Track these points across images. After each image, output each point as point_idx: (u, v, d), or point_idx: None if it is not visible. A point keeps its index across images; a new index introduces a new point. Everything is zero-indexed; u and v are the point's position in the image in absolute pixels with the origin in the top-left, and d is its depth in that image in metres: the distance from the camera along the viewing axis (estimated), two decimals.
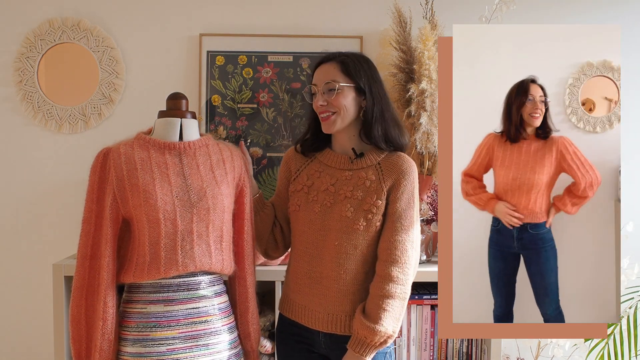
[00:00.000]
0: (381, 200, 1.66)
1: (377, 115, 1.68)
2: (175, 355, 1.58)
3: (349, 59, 1.68)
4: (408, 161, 1.70)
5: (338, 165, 1.72)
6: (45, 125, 2.50)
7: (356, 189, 1.67)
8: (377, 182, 1.67)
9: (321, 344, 1.71)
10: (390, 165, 1.69)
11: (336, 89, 1.65)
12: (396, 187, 1.66)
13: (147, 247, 1.57)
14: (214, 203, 1.62)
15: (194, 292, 1.61)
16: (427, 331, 2.14)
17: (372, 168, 1.69)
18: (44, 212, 2.52)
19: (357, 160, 1.71)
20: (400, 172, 1.67)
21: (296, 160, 1.80)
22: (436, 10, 2.42)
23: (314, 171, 1.74)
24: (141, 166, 1.61)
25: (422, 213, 2.28)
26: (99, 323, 1.57)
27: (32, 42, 2.49)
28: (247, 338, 1.75)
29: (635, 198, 2.56)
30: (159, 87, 2.47)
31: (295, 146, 1.82)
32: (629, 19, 2.57)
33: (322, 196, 1.69)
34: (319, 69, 1.70)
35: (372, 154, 1.71)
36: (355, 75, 1.67)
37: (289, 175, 1.80)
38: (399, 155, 1.71)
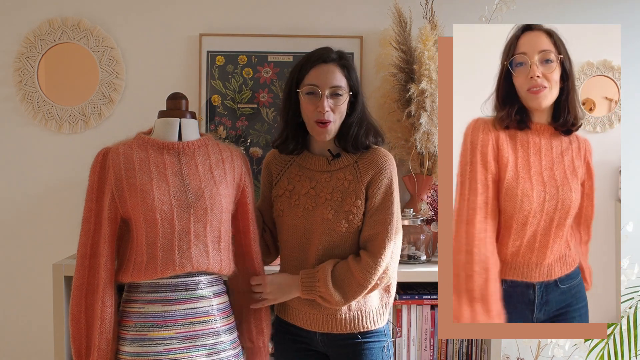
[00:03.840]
0: (360, 200, 1.66)
1: (357, 120, 1.68)
2: (173, 355, 1.57)
3: (347, 63, 1.67)
4: (384, 155, 1.69)
5: (317, 168, 1.72)
6: (45, 125, 2.50)
7: (335, 190, 1.67)
8: (355, 182, 1.67)
9: (319, 342, 1.72)
10: (367, 162, 1.68)
11: (342, 94, 1.64)
12: (374, 183, 1.66)
13: (145, 247, 1.57)
14: (211, 203, 1.61)
15: (192, 292, 1.61)
16: (427, 331, 2.14)
17: (350, 168, 1.69)
18: (44, 212, 2.52)
19: (334, 161, 1.70)
20: (376, 166, 1.67)
21: (276, 164, 1.79)
22: (436, 10, 2.42)
23: (294, 175, 1.74)
24: (139, 166, 1.61)
25: (422, 213, 2.28)
26: (97, 322, 1.58)
27: (32, 42, 2.48)
28: (260, 334, 1.75)
29: (635, 198, 2.56)
30: (159, 87, 2.47)
31: (274, 148, 1.79)
32: (629, 19, 2.57)
33: (304, 200, 1.69)
34: (319, 70, 1.64)
35: (349, 154, 1.70)
36: (354, 82, 1.67)
37: (271, 179, 1.79)
38: (375, 150, 1.71)
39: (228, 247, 1.67)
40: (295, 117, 1.69)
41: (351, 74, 1.67)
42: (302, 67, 1.67)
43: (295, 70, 1.69)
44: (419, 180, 2.40)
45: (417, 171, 2.40)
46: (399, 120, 2.37)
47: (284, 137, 1.74)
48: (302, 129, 1.71)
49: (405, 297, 2.12)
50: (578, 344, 2.31)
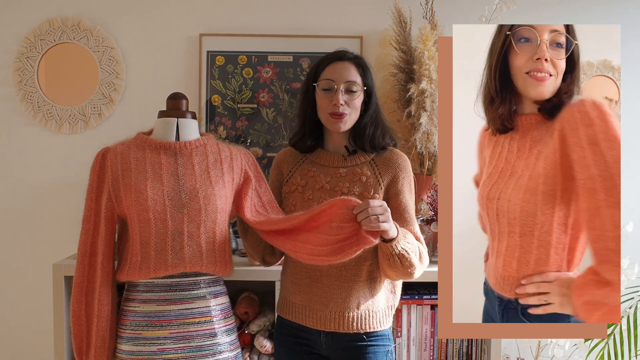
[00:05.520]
0: (379, 195, 1.68)
1: (372, 120, 1.72)
2: (167, 355, 1.58)
3: (362, 62, 1.71)
4: (402, 155, 1.75)
5: (332, 164, 1.73)
6: (45, 125, 2.50)
7: (352, 184, 1.68)
8: (373, 177, 1.69)
9: (322, 344, 1.70)
10: (386, 161, 1.72)
11: (357, 90, 1.67)
12: (395, 182, 1.70)
13: (139, 246, 1.57)
14: (205, 204, 1.61)
15: (188, 292, 1.61)
16: (427, 331, 2.14)
17: (367, 164, 1.72)
18: (44, 212, 2.52)
19: (350, 158, 1.72)
20: (396, 166, 1.71)
21: (288, 162, 1.79)
22: (436, 10, 2.42)
23: (307, 171, 1.74)
24: (135, 166, 1.61)
25: (422, 213, 2.28)
26: (94, 320, 1.58)
27: (32, 42, 2.48)
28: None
29: (635, 198, 2.56)
30: (159, 87, 2.47)
31: (291, 146, 1.81)
32: (629, 19, 2.57)
33: (318, 194, 1.69)
34: (334, 66, 1.68)
35: (364, 152, 1.74)
36: (369, 81, 1.71)
37: (282, 177, 1.79)
38: (392, 151, 1.75)
39: (224, 247, 1.67)
40: (312, 114, 1.73)
41: (366, 73, 1.70)
42: (318, 65, 1.72)
43: (313, 69, 1.73)
44: (419, 180, 2.39)
45: (417, 171, 2.40)
46: (399, 120, 2.37)
47: (301, 134, 1.76)
48: (318, 127, 1.74)
49: (405, 297, 2.11)
50: (578, 344, 2.30)
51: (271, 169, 1.85)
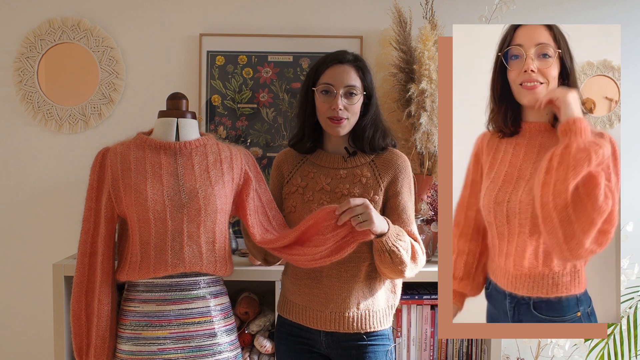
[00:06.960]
0: (378, 196, 1.68)
1: (371, 122, 1.71)
2: (167, 355, 1.58)
3: (362, 64, 1.70)
4: (402, 156, 1.74)
5: (332, 165, 1.73)
6: (45, 125, 2.50)
7: (352, 186, 1.68)
8: (373, 179, 1.69)
9: (322, 343, 1.71)
10: (385, 162, 1.72)
11: (356, 94, 1.66)
12: (394, 182, 1.70)
13: (138, 246, 1.58)
14: (205, 204, 1.61)
15: (188, 292, 1.61)
16: (427, 331, 2.14)
17: (367, 165, 1.72)
18: (44, 212, 2.52)
19: (350, 159, 1.72)
20: (396, 167, 1.71)
21: (288, 163, 1.79)
22: (436, 10, 2.42)
23: (307, 172, 1.74)
24: (135, 166, 1.61)
25: (422, 213, 2.28)
26: (94, 320, 1.58)
27: (32, 42, 2.48)
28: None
29: (635, 198, 2.56)
30: (159, 87, 2.47)
31: (290, 147, 1.81)
32: (629, 19, 2.57)
33: (318, 195, 1.70)
34: (334, 69, 1.67)
35: (365, 154, 1.73)
36: (368, 83, 1.70)
37: (282, 178, 1.79)
38: (392, 151, 1.75)
39: (224, 247, 1.67)
40: (311, 116, 1.72)
41: (366, 75, 1.69)
42: (318, 68, 1.70)
43: (312, 70, 1.72)
44: (419, 180, 2.39)
45: (417, 171, 2.40)
46: (399, 120, 2.37)
47: (300, 136, 1.76)
48: (318, 128, 1.74)
49: (405, 297, 2.11)
50: (578, 344, 2.30)
51: (271, 170, 1.84)
